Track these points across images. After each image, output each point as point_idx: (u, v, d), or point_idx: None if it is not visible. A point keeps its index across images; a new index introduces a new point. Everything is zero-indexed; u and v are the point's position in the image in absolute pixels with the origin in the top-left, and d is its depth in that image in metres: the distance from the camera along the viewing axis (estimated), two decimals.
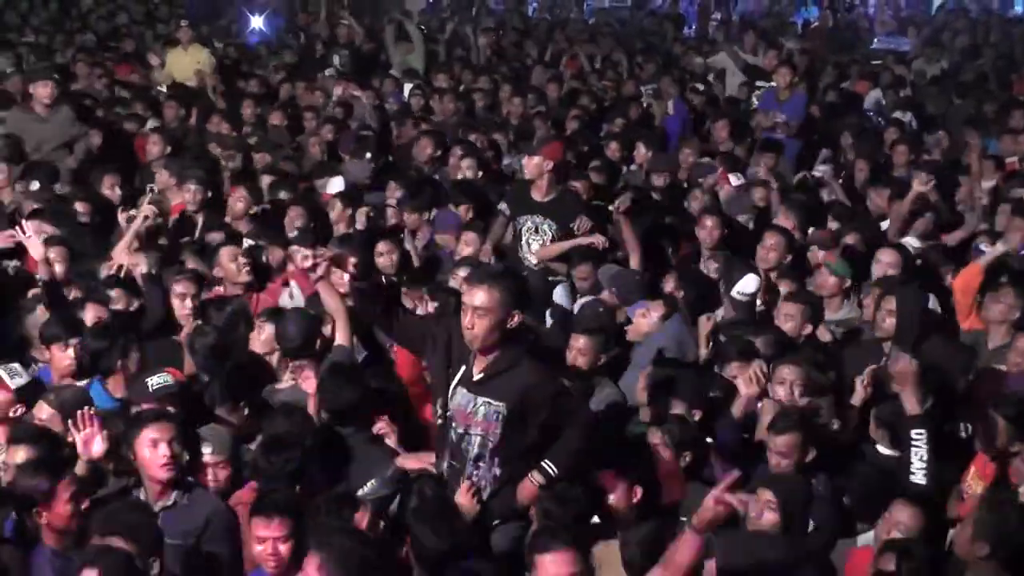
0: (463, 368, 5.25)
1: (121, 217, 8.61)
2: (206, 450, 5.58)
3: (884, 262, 7.80)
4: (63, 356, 6.46)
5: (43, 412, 5.90)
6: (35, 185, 9.50)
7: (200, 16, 19.92)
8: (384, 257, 8.17)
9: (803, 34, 20.82)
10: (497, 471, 5.24)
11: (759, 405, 6.14)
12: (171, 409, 5.66)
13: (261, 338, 6.85)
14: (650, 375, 6.43)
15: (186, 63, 14.67)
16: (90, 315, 6.88)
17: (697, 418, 6.16)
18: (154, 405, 5.69)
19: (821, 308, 7.42)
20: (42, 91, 10.63)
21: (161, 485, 5.27)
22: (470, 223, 8.91)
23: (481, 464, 5.25)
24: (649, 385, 6.36)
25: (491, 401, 5.18)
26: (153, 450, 5.25)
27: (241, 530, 5.19)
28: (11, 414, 6.00)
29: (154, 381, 5.91)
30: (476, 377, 5.21)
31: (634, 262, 8.30)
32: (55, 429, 5.72)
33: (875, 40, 21.58)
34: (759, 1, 26.32)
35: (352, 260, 5.99)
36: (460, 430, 5.28)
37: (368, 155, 10.86)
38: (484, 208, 9.23)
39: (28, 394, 6.08)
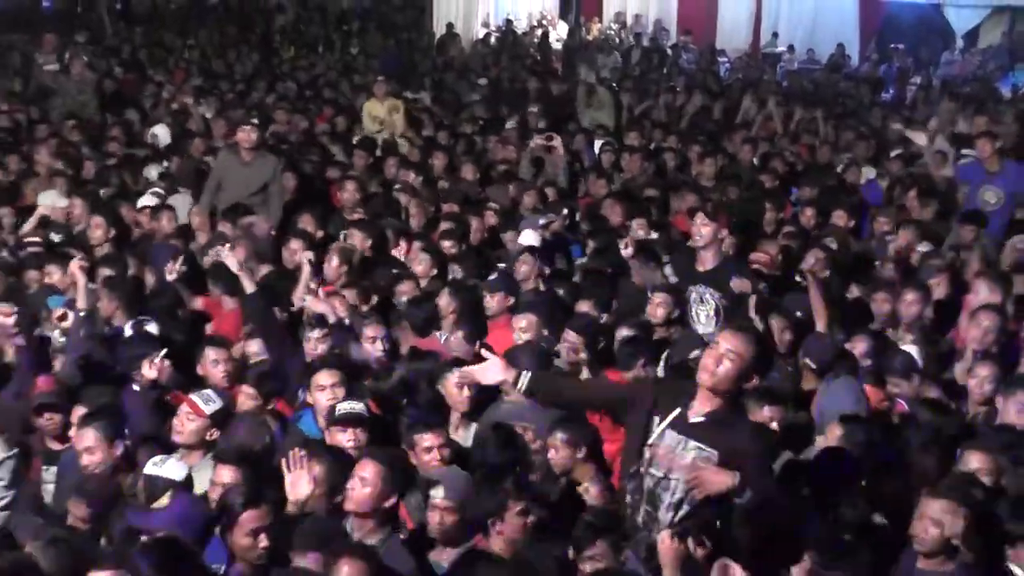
0: (676, 411, 5.16)
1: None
2: (437, 493, 5.42)
3: None
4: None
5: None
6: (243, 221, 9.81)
7: (394, 69, 20.36)
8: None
9: (1012, 100, 20.10)
10: (699, 519, 5.06)
11: None
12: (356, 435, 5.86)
13: None
14: None
15: (380, 115, 15.01)
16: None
17: None
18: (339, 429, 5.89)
19: None
20: (243, 136, 10.87)
21: (360, 518, 5.25)
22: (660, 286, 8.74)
23: (679, 511, 5.11)
24: None
25: (703, 447, 5.07)
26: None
27: None
28: (207, 438, 6.17)
29: (343, 406, 6.00)
30: (693, 420, 5.12)
31: (820, 327, 7.92)
32: None
33: None
34: (963, 65, 25.48)
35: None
36: (659, 473, 5.15)
37: (564, 211, 10.86)
38: None
39: (221, 419, 6.22)
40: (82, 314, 7.30)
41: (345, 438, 5.92)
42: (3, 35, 23.18)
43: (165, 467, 5.59)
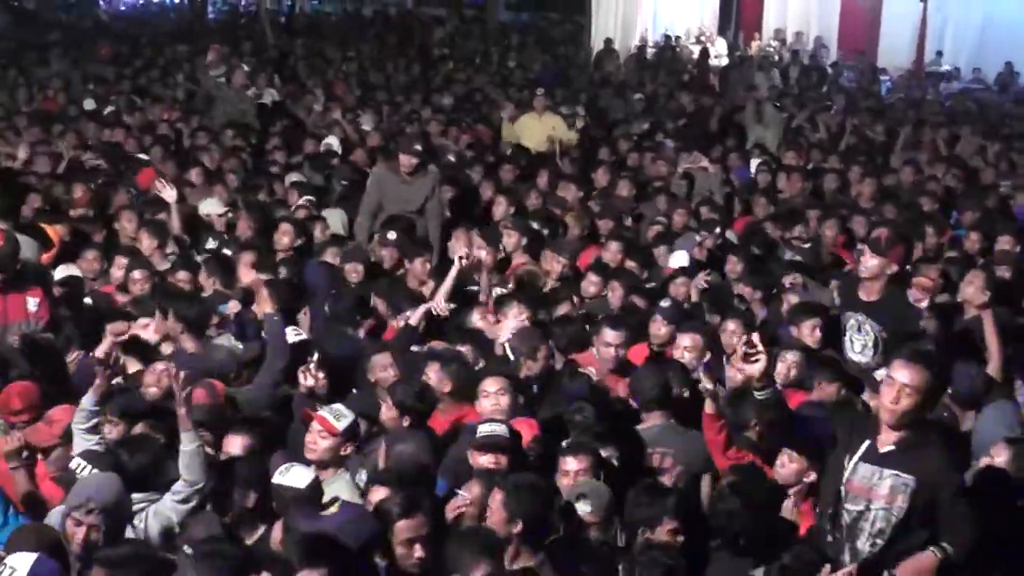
0: (864, 444, 5.19)
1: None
2: (584, 507, 5.50)
3: None
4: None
5: (380, 457, 6.04)
6: (392, 235, 9.88)
7: (551, 84, 20.35)
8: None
9: None
10: (900, 546, 5.14)
11: None
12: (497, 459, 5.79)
13: None
14: None
15: (538, 129, 15.00)
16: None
17: None
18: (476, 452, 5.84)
19: None
20: (406, 160, 10.91)
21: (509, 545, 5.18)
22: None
23: (879, 540, 5.17)
24: None
25: (899, 474, 5.12)
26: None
27: None
28: (341, 453, 6.12)
29: (483, 428, 5.93)
30: (883, 450, 5.16)
31: (992, 366, 7.53)
32: None
33: None
34: None
35: None
36: (859, 507, 5.20)
37: (717, 230, 10.73)
38: None
39: (353, 433, 6.19)
40: (275, 319, 7.39)
41: (485, 461, 5.83)
42: (169, 46, 23.86)
43: (289, 475, 5.57)
